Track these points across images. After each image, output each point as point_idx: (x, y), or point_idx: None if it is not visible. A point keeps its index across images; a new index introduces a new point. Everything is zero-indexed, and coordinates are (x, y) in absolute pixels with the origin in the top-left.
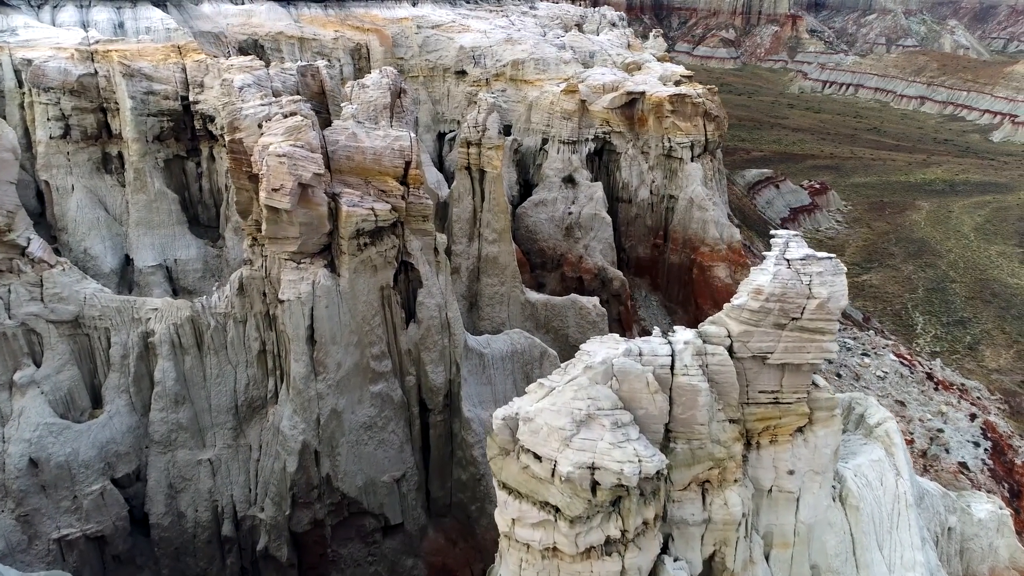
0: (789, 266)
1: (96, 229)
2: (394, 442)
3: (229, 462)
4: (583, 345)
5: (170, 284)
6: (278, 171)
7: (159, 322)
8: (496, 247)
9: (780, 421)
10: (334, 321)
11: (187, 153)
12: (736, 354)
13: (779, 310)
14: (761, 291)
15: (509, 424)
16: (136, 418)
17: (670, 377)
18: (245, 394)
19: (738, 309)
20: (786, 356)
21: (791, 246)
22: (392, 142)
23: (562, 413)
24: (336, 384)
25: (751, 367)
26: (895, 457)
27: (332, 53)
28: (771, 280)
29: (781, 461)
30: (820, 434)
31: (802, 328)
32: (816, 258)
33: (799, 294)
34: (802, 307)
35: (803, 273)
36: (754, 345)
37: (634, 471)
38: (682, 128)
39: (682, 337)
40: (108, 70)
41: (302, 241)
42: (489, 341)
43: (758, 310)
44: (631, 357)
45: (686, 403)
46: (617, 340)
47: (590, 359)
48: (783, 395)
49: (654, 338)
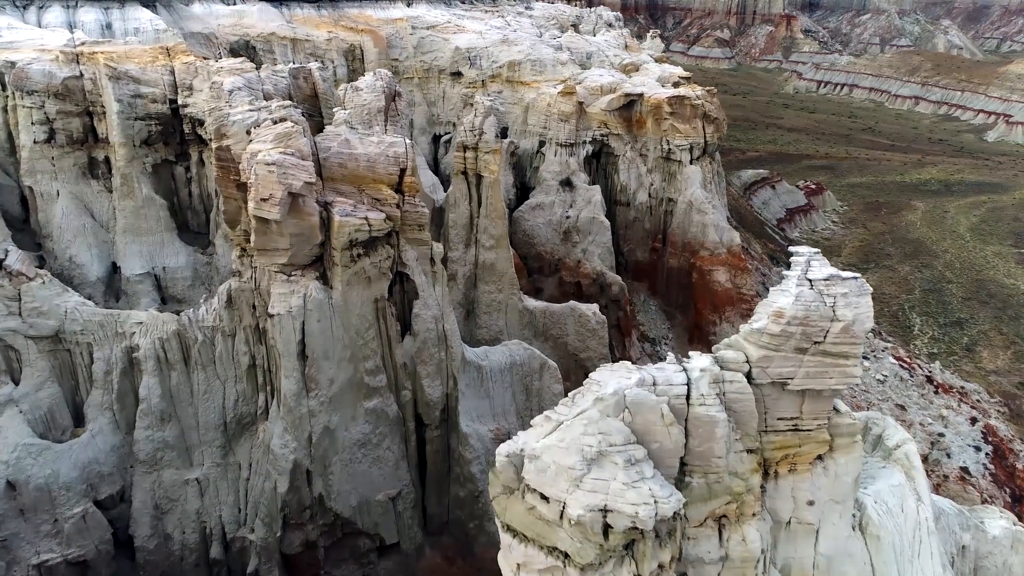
0: (812, 287)
1: (82, 236)
2: (389, 459)
3: (217, 481)
4: (592, 375)
5: (158, 292)
6: (267, 180)
7: (144, 336)
8: (493, 253)
9: (800, 449)
10: (326, 336)
11: (176, 158)
12: (755, 380)
13: (801, 334)
14: (782, 314)
15: (513, 461)
16: (120, 437)
17: (686, 408)
18: (234, 411)
19: (757, 333)
20: (807, 382)
21: (813, 265)
22: (386, 148)
23: (571, 450)
24: (329, 401)
25: (770, 393)
26: (915, 481)
27: (325, 54)
28: (793, 302)
29: (800, 491)
30: (841, 462)
31: (825, 352)
32: (840, 278)
33: (822, 317)
34: (825, 331)
35: (827, 294)
36: (774, 371)
37: (650, 514)
38: (681, 130)
39: (698, 364)
40: (94, 72)
41: (293, 253)
42: (487, 353)
43: (779, 334)
44: (645, 387)
45: (703, 435)
46: (629, 369)
47: (600, 390)
48: (803, 422)
49: (668, 365)
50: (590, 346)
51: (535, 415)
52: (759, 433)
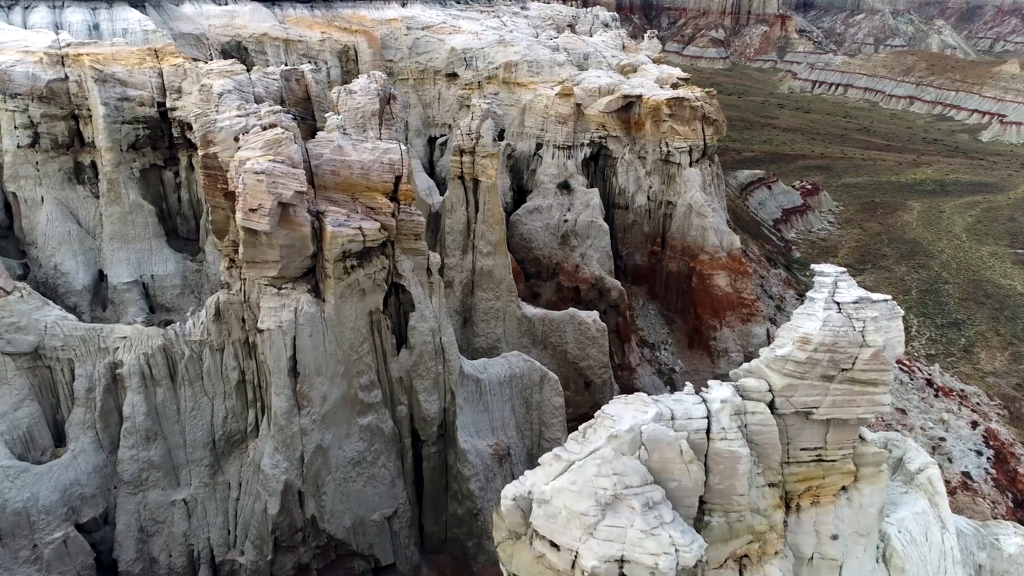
0: (840, 310)
1: (67, 243)
2: (385, 477)
3: (205, 502)
4: (605, 408)
5: (146, 301)
6: (256, 189)
7: (128, 352)
8: (491, 260)
9: (823, 481)
10: (319, 351)
11: (164, 162)
12: (777, 410)
13: (828, 361)
14: (809, 340)
15: (520, 504)
16: (103, 457)
17: (706, 442)
18: (223, 428)
19: (781, 360)
20: (834, 411)
21: (840, 287)
22: (381, 155)
23: (584, 494)
24: (321, 418)
25: (793, 423)
26: (939, 508)
27: (319, 55)
28: (820, 328)
29: (823, 524)
30: (865, 492)
31: (852, 380)
32: (870, 301)
33: (851, 343)
34: (854, 357)
35: (856, 319)
36: (798, 400)
37: (671, 564)
38: (680, 132)
39: (718, 395)
40: (79, 75)
41: (283, 265)
42: (486, 365)
43: (804, 361)
44: (662, 422)
45: (724, 472)
46: (645, 401)
47: (614, 425)
48: (827, 452)
49: (686, 396)
50: (590, 354)
51: (535, 428)
52: (781, 465)
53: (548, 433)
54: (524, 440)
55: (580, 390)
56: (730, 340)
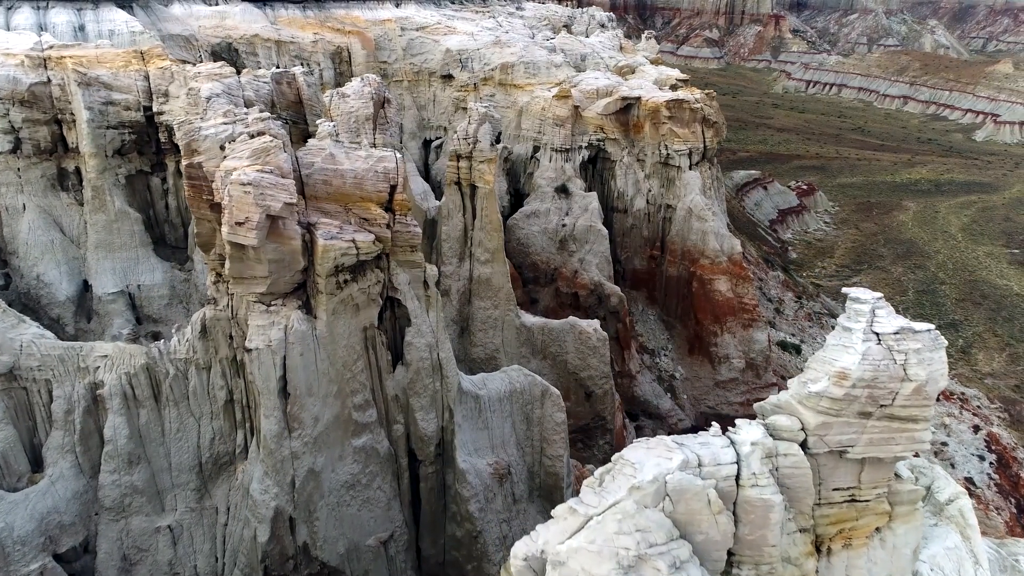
0: (879, 342)
1: (50, 253)
2: (380, 500)
3: (192, 528)
4: (624, 453)
5: (133, 312)
6: (242, 202)
7: (109, 371)
8: (489, 268)
9: (857, 523)
10: (310, 370)
11: (151, 168)
12: (810, 449)
13: (867, 397)
14: (847, 376)
15: (533, 566)
16: (83, 482)
17: (735, 490)
18: (210, 450)
19: (815, 397)
20: (870, 450)
21: (879, 315)
22: (375, 163)
23: (604, 555)
24: (313, 441)
25: (826, 463)
26: (972, 541)
27: (311, 57)
28: (859, 362)
29: (856, 569)
30: (900, 532)
31: (892, 416)
32: (912, 331)
33: (892, 377)
34: (895, 392)
35: (897, 351)
36: (833, 438)
37: None
38: (680, 135)
39: (748, 436)
40: (63, 78)
41: (272, 280)
42: (485, 381)
43: (841, 398)
44: (689, 470)
45: (755, 521)
46: (668, 447)
47: (636, 475)
48: (861, 492)
49: (713, 439)
50: (591, 364)
51: (536, 445)
52: (812, 508)
53: (550, 450)
54: (525, 457)
55: (581, 401)
56: (731, 346)
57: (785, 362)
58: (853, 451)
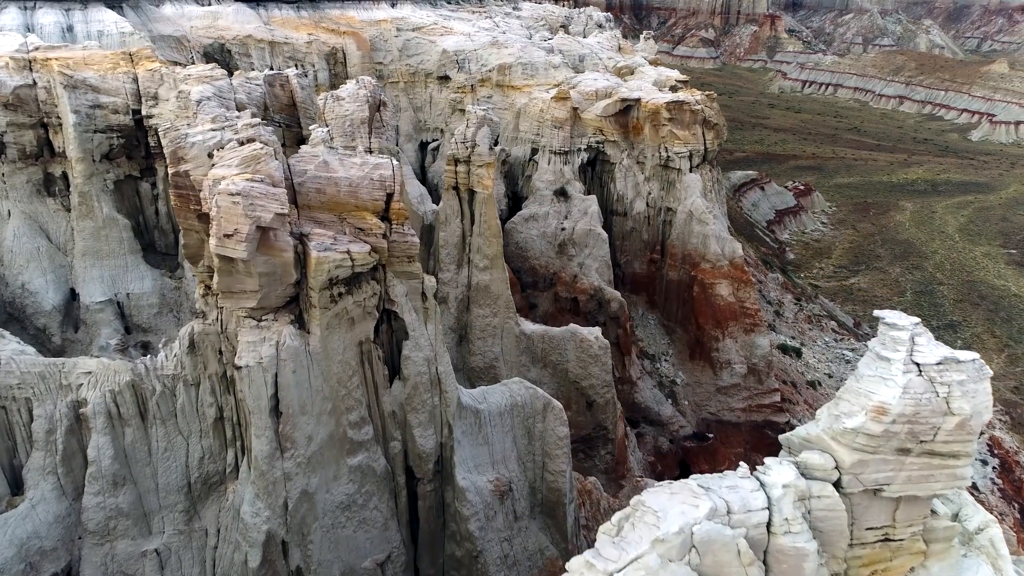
0: (920, 372)
1: (36, 260)
2: (377, 520)
3: (180, 552)
4: (645, 499)
5: (122, 322)
6: (231, 213)
7: (93, 389)
8: (488, 274)
9: (890, 563)
10: (303, 388)
11: (140, 173)
12: (844, 489)
13: (907, 433)
14: (886, 411)
15: None
16: (66, 504)
17: (766, 537)
18: (199, 469)
19: (851, 433)
20: (907, 488)
21: (919, 343)
22: (371, 171)
23: None
24: (307, 461)
25: (859, 502)
26: (1003, 573)
27: (305, 58)
28: (900, 396)
29: None
30: (934, 571)
31: (932, 452)
32: (956, 361)
33: (935, 411)
34: (936, 427)
35: (939, 383)
36: (869, 477)
37: None
38: (680, 137)
39: (779, 478)
40: (48, 80)
41: (263, 295)
42: (485, 395)
43: (880, 435)
44: (717, 518)
45: (787, 571)
46: (693, 492)
47: (659, 524)
48: (895, 531)
49: (742, 481)
50: (592, 373)
51: (538, 460)
52: None
53: (552, 465)
54: (526, 473)
55: (582, 410)
56: (733, 351)
57: (786, 365)
58: (889, 489)
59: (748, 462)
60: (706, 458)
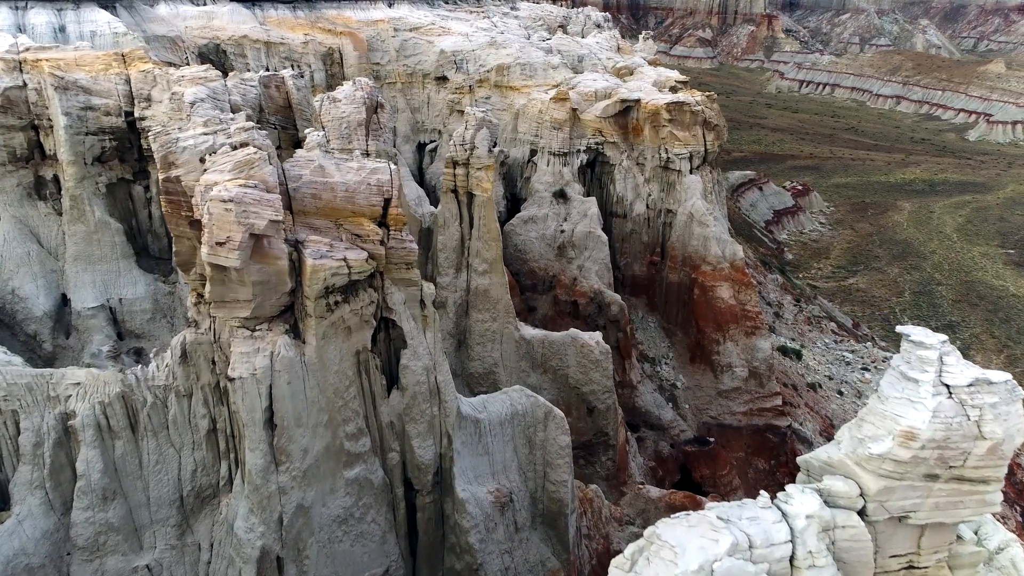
0: (950, 395)
1: (26, 265)
2: (375, 533)
3: (172, 567)
4: (660, 532)
5: (114, 327)
6: (223, 220)
7: (81, 400)
8: (487, 279)
9: None
10: (299, 399)
11: (133, 176)
12: (869, 516)
13: (936, 458)
14: (915, 436)
15: None
16: (54, 520)
17: (789, 572)
18: (192, 482)
19: (877, 459)
20: (935, 515)
21: (948, 364)
22: (368, 175)
23: None
24: (302, 475)
25: (884, 529)
26: None
27: (302, 58)
28: (930, 420)
29: None
30: None
31: (961, 478)
32: (988, 383)
33: (965, 436)
34: (967, 453)
35: (971, 406)
36: (895, 504)
37: None
38: (680, 138)
39: (802, 508)
40: (39, 82)
41: (257, 304)
42: (485, 403)
43: (908, 460)
44: (739, 554)
45: None
46: (713, 526)
47: (677, 560)
48: (920, 558)
49: (763, 511)
50: (593, 378)
51: (539, 470)
52: None
53: (553, 475)
54: (527, 483)
55: (583, 416)
56: (734, 354)
57: (786, 368)
58: (916, 516)
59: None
60: (707, 462)
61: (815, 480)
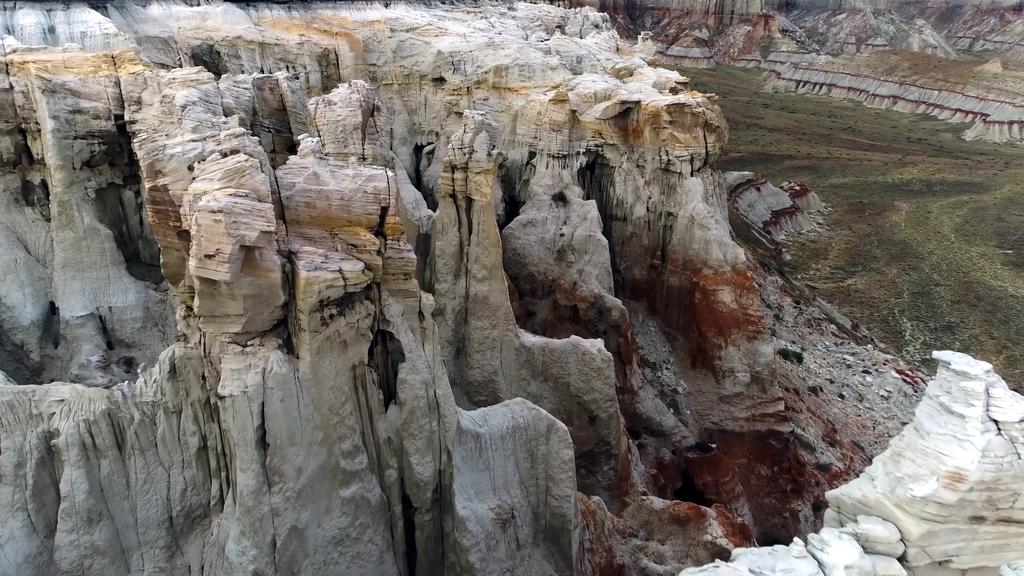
0: (999, 431)
1: (13, 273)
2: (372, 554)
3: None
4: None
5: (104, 336)
6: (213, 232)
7: (65, 418)
8: (486, 285)
9: None
10: (292, 417)
11: (124, 181)
12: (909, 562)
13: (985, 501)
14: (963, 478)
15: None
16: (37, 543)
17: None
18: (181, 502)
19: (920, 502)
20: (979, 559)
21: (996, 397)
22: (364, 183)
23: None
24: (296, 495)
25: (923, 574)
26: None
27: (297, 59)
28: (979, 460)
29: None
30: None
31: (1008, 520)
32: None
33: (1016, 476)
34: (1016, 494)
35: (1022, 444)
36: (937, 548)
37: None
38: (681, 140)
39: (839, 558)
40: (26, 84)
41: (248, 319)
42: (486, 417)
43: (954, 504)
44: None
45: None
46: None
47: None
48: None
49: (797, 561)
50: (595, 387)
51: (541, 485)
52: None
53: (556, 490)
54: (529, 498)
55: (584, 425)
56: (736, 359)
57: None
58: (958, 561)
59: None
60: (709, 469)
61: (847, 518)
